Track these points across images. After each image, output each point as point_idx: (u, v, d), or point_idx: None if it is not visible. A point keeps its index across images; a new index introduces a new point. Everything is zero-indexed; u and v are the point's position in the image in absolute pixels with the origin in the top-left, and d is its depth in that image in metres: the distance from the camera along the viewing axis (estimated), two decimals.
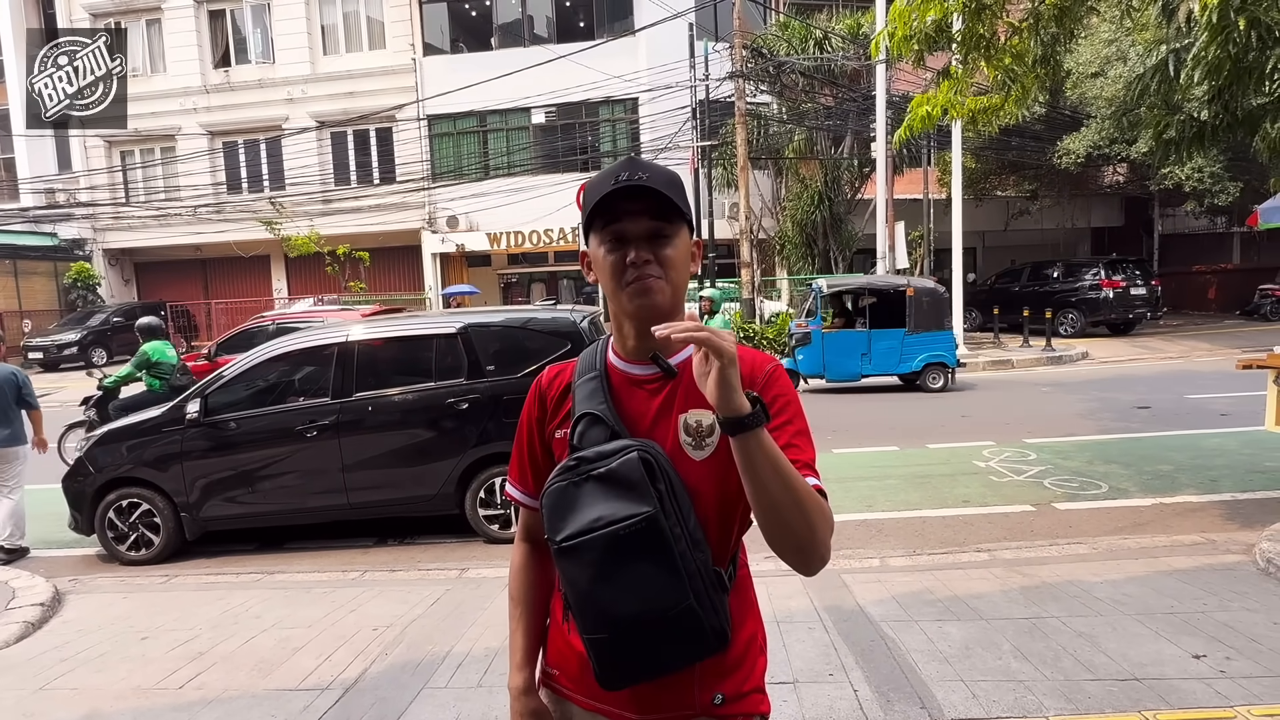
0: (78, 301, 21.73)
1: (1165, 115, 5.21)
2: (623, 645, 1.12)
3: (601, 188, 1.17)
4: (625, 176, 1.15)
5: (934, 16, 5.17)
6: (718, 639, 1.13)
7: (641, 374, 1.24)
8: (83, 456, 5.67)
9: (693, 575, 1.11)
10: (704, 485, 1.17)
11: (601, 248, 1.19)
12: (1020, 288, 19.49)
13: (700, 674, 1.19)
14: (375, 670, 3.48)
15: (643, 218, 1.16)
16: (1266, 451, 6.73)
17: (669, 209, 1.17)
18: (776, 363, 1.27)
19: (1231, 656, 3.16)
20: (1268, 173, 12.50)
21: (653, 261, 1.17)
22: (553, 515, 1.15)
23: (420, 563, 5.21)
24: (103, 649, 3.87)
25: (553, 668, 1.32)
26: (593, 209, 1.17)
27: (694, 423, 1.19)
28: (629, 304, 1.18)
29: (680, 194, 1.19)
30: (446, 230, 20.99)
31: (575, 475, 1.14)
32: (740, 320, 14.78)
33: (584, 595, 1.12)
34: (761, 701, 1.25)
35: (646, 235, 1.17)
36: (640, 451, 1.12)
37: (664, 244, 1.18)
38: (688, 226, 1.22)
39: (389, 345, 5.89)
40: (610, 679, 1.15)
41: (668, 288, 1.19)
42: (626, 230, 1.17)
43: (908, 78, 16.91)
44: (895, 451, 7.69)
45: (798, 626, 3.66)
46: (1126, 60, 14.64)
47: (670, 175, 1.20)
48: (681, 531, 1.11)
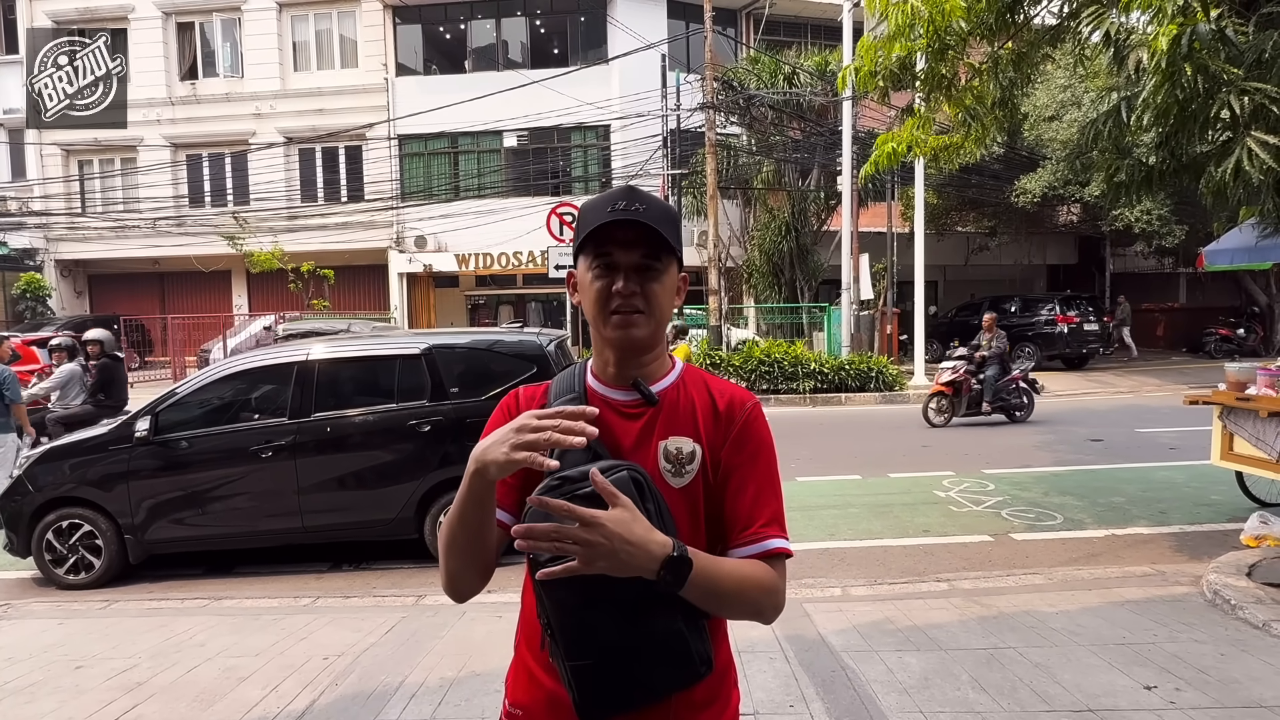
0: (26, 313, 21.00)
1: (1116, 159, 5.43)
2: (608, 671, 1.08)
3: (598, 214, 1.16)
4: (623, 206, 1.15)
5: (899, 54, 5.33)
6: (703, 664, 1.12)
7: (622, 399, 1.24)
8: (22, 475, 5.43)
9: (679, 598, 1.08)
10: (680, 512, 1.17)
11: (590, 273, 1.19)
12: (979, 321, 19.97)
13: (676, 707, 1.15)
14: (324, 702, 3.36)
15: (635, 249, 1.16)
16: (1212, 485, 6.94)
17: (661, 244, 1.17)
18: (756, 402, 1.26)
19: (1181, 688, 3.22)
20: (1211, 216, 13.07)
21: (638, 294, 1.17)
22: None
23: (376, 589, 5.08)
24: (33, 679, 3.68)
25: (517, 707, 1.25)
26: (587, 234, 1.17)
27: (674, 450, 1.19)
28: (610, 333, 1.19)
29: (675, 230, 1.20)
30: (414, 250, 20.82)
31: (559, 495, 1.09)
32: (707, 347, 14.87)
33: (570, 619, 1.08)
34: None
35: (636, 267, 1.17)
36: (630, 471, 1.10)
37: (653, 277, 1.18)
38: (677, 262, 1.23)
39: (350, 365, 5.78)
40: (591, 709, 1.10)
41: (650, 322, 1.19)
42: (617, 259, 1.17)
43: (873, 114, 17.38)
44: (858, 480, 7.75)
45: (759, 656, 3.63)
46: (1080, 105, 15.26)
47: (667, 209, 1.21)
48: None
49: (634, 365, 1.23)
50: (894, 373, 14.49)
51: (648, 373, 1.24)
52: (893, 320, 18.48)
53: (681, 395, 1.24)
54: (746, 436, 1.21)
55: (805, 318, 17.40)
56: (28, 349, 12.45)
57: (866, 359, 14.59)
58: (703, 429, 1.21)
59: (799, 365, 14.09)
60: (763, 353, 14.31)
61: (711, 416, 1.22)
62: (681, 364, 1.29)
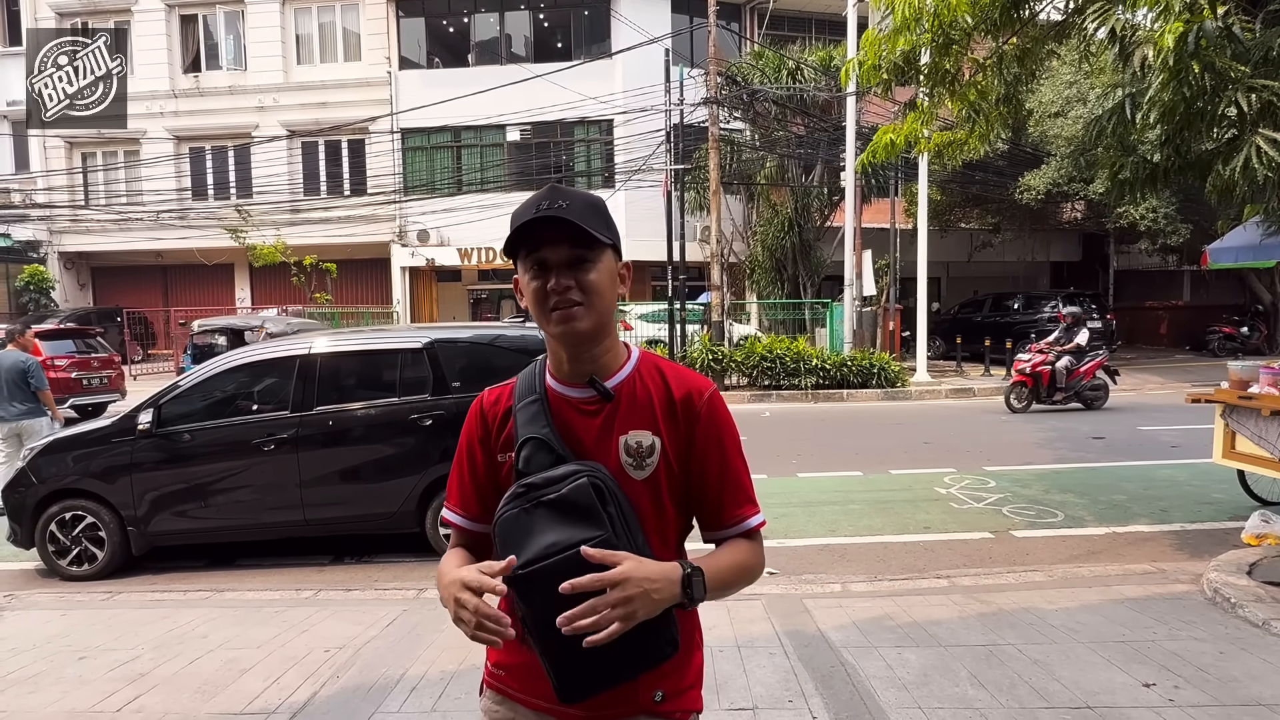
0: (30, 305, 21.03)
1: (1121, 157, 5.40)
2: (582, 661, 1.13)
3: (523, 216, 1.20)
4: (545, 205, 1.19)
5: (904, 48, 5.31)
6: (670, 646, 1.18)
7: (579, 397, 1.27)
8: (25, 467, 5.45)
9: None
10: (644, 502, 1.22)
11: (527, 274, 1.23)
12: (982, 318, 19.96)
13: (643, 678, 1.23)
14: (325, 694, 3.37)
15: (563, 245, 1.20)
16: (1214, 483, 6.93)
17: (589, 237, 1.20)
18: (714, 389, 1.31)
19: (1180, 685, 3.22)
20: (1215, 214, 13.02)
21: (574, 287, 1.20)
22: (506, 543, 1.16)
23: (377, 582, 5.09)
24: (36, 669, 3.69)
25: (500, 668, 1.32)
26: (516, 237, 1.21)
27: (635, 444, 1.24)
28: (553, 329, 1.22)
29: (602, 220, 1.23)
30: (417, 244, 20.83)
31: (525, 502, 1.15)
32: (709, 343, 14.86)
33: (541, 616, 1.13)
34: (698, 699, 1.30)
35: (567, 262, 1.20)
36: (590, 476, 1.15)
37: (586, 269, 1.21)
38: (613, 250, 1.25)
39: (352, 359, 5.79)
40: (569, 693, 1.16)
41: (590, 313, 1.22)
42: (548, 258, 1.20)
43: (877, 110, 17.32)
44: (859, 477, 7.75)
45: (759, 652, 3.64)
46: (1086, 102, 15.19)
47: (592, 201, 1.24)
48: (633, 551, 1.14)
49: (586, 359, 1.26)
50: (896, 369, 14.48)
51: (602, 365, 1.27)
52: (895, 317, 18.45)
53: (639, 387, 1.27)
54: (710, 426, 1.26)
55: (808, 314, 17.38)
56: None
57: (869, 355, 14.57)
58: (662, 421, 1.25)
59: (801, 361, 14.08)
60: (765, 349, 14.30)
61: (669, 407, 1.26)
62: (638, 353, 1.33)
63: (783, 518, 6.29)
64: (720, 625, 3.94)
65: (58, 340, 12.61)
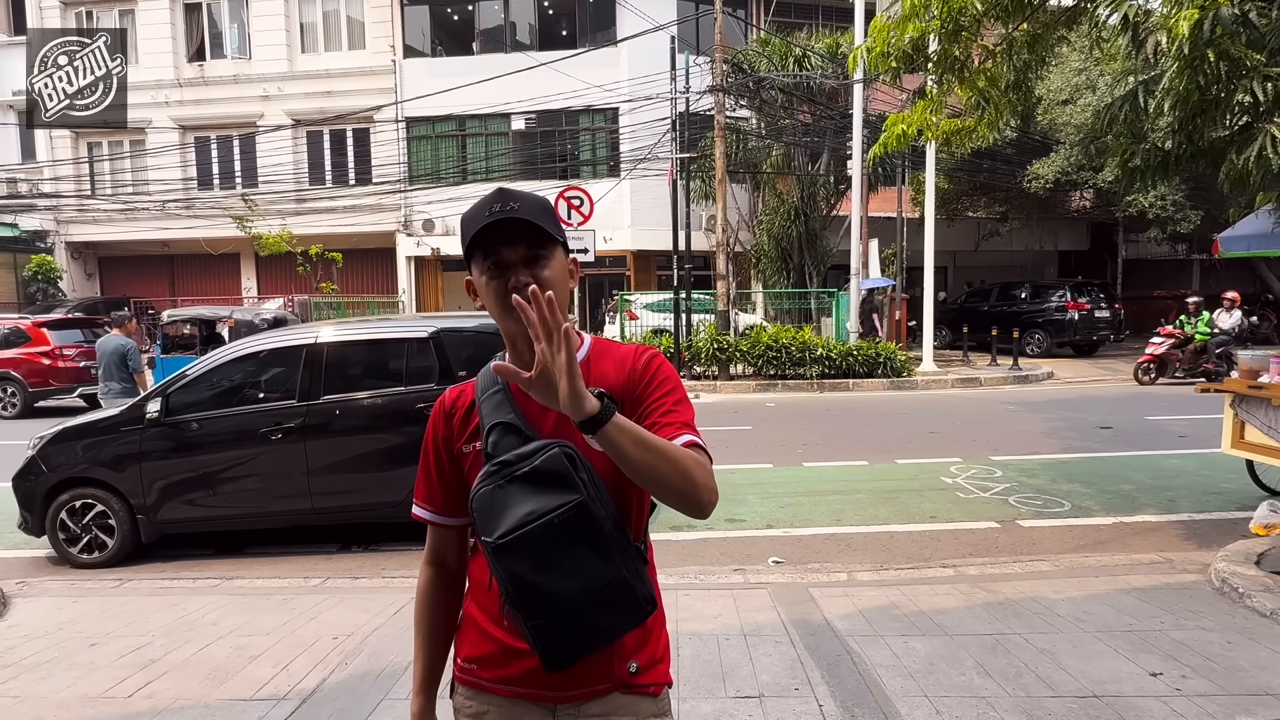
0: (38, 295, 21.13)
1: (1131, 144, 5.35)
2: (566, 625, 1.18)
3: (478, 220, 1.25)
4: (499, 208, 1.24)
5: (912, 35, 5.26)
6: (649, 604, 1.23)
7: None
8: (36, 455, 5.49)
9: (619, 551, 1.19)
10: (606, 472, 1.25)
11: (484, 275, 1.28)
12: (989, 307, 19.86)
13: (619, 646, 1.27)
14: (334, 680, 3.40)
15: (520, 245, 1.26)
16: (1222, 473, 6.91)
17: (543, 235, 1.26)
18: (654, 350, 1.37)
19: (1187, 675, 3.22)
20: (1227, 202, 12.92)
21: (533, 284, 1.24)
22: (484, 517, 1.20)
23: (385, 570, 5.12)
24: (49, 655, 3.73)
25: (470, 661, 1.35)
26: (472, 240, 1.25)
27: None
28: (515, 326, 1.24)
29: (551, 219, 1.29)
30: (422, 233, 20.82)
31: (500, 479, 1.20)
32: (714, 332, 14.84)
33: (524, 585, 1.17)
34: (667, 673, 1.35)
35: (525, 260, 1.26)
36: (560, 448, 1.20)
37: (543, 266, 1.27)
38: (561, 247, 1.31)
39: (358, 348, 5.80)
40: (555, 660, 1.20)
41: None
42: (505, 258, 1.26)
43: (885, 98, 17.20)
44: (864, 466, 7.75)
45: (764, 640, 3.65)
46: (1095, 89, 15.06)
47: (540, 202, 1.30)
48: (606, 514, 1.19)
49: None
50: (902, 359, 14.43)
51: None
52: (901, 306, 18.38)
53: (593, 369, 1.34)
54: (650, 377, 1.31)
55: (813, 303, 17.33)
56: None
57: (875, 345, 14.53)
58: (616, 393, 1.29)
59: (806, 351, 14.05)
60: (770, 338, 14.27)
61: (619, 377, 1.32)
62: (590, 339, 1.38)
63: (788, 507, 6.29)
64: (726, 614, 3.95)
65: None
